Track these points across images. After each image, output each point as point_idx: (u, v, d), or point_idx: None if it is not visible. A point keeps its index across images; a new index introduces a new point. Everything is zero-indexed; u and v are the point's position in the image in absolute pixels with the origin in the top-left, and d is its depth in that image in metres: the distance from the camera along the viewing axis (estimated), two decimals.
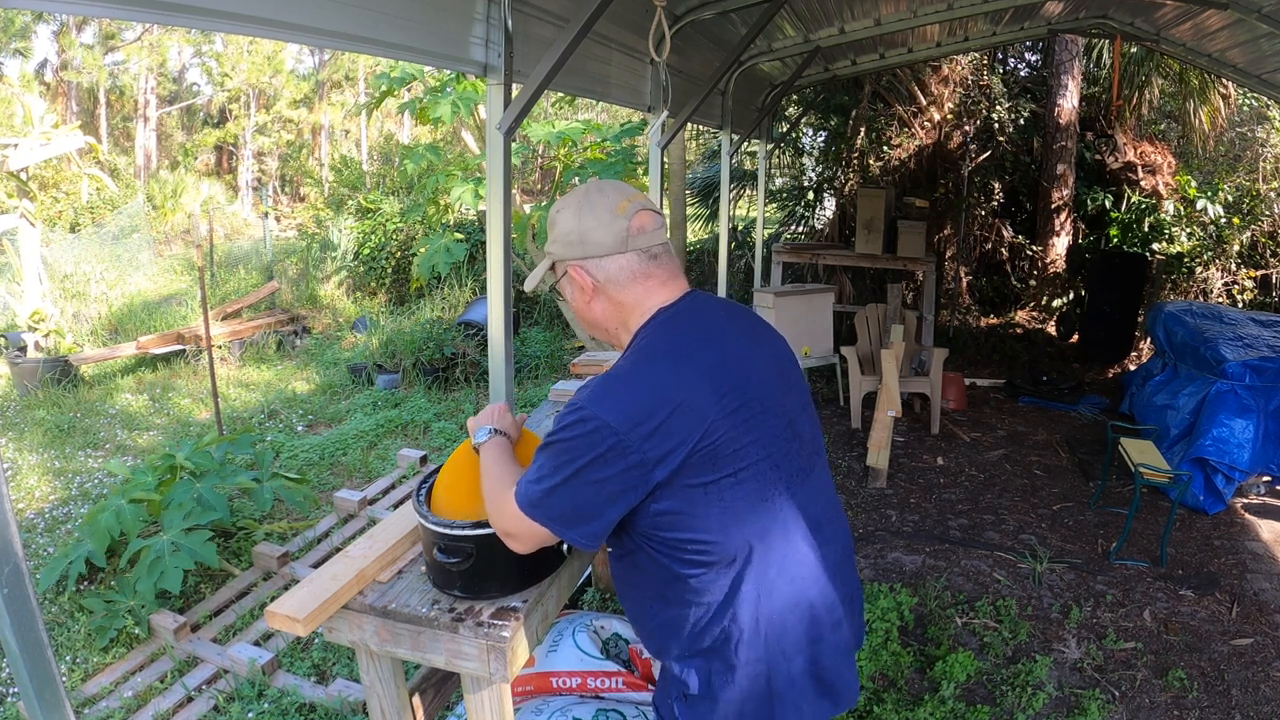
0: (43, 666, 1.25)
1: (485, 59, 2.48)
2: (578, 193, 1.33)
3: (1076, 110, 8.04)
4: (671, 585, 1.26)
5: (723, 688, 1.26)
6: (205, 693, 2.74)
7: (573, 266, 1.31)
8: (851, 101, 8.42)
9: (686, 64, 4.37)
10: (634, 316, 1.32)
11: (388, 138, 19.37)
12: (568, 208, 1.32)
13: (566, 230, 1.30)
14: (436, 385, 6.30)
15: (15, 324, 6.97)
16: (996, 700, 2.70)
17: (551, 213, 1.34)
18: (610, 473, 1.16)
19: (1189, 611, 3.29)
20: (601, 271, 1.30)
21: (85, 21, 17.17)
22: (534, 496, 1.22)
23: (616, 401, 1.17)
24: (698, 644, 1.26)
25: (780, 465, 1.26)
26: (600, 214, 1.29)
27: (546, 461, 1.22)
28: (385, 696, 1.67)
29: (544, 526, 1.23)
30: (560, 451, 1.19)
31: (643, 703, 2.39)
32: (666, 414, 1.16)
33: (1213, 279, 7.42)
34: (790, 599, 1.27)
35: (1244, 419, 4.23)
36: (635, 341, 1.30)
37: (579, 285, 1.32)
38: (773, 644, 1.26)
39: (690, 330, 1.28)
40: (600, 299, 1.32)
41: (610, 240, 1.28)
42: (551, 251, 1.34)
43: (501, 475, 1.37)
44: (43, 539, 3.94)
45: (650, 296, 1.31)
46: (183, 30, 17.38)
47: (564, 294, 1.38)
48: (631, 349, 1.29)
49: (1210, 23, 4.62)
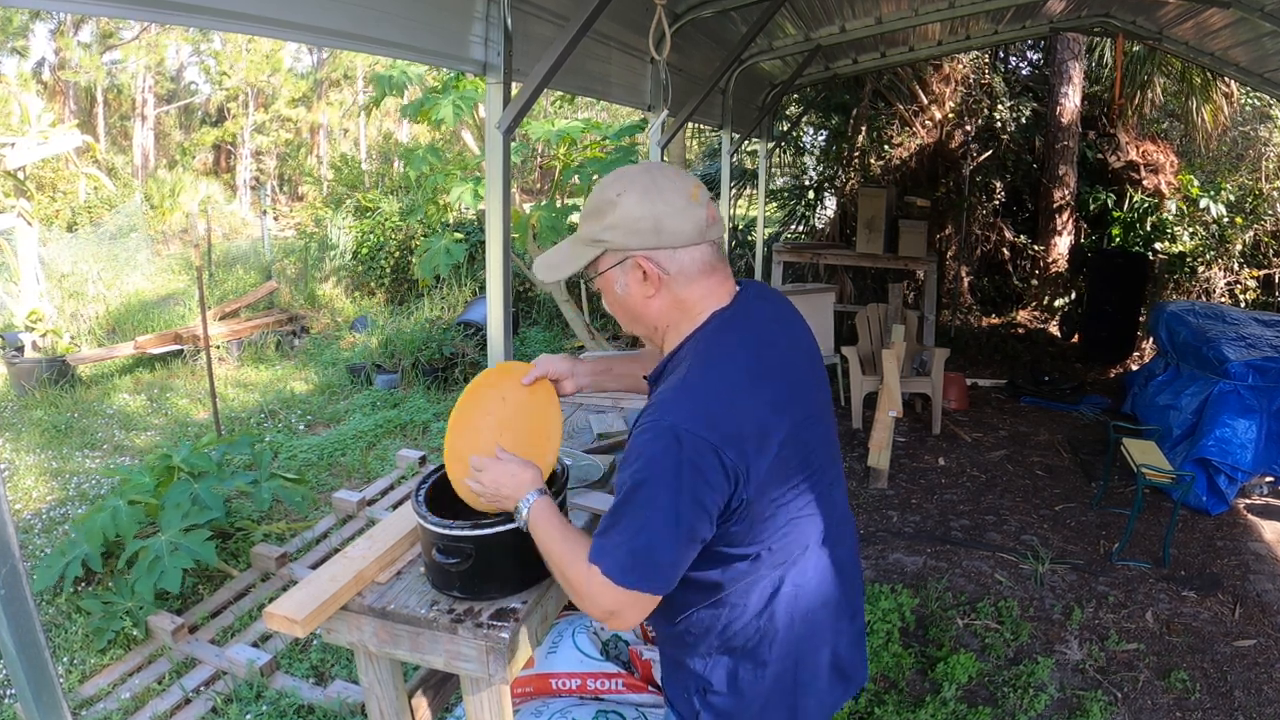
0: (40, 668, 1.24)
1: (485, 58, 2.47)
2: (635, 175, 1.19)
3: (1078, 109, 8.03)
4: (710, 592, 1.23)
5: (750, 685, 1.25)
6: (203, 694, 2.72)
7: (641, 256, 1.18)
8: (852, 100, 8.41)
9: (687, 62, 4.36)
10: (690, 316, 1.22)
11: (386, 136, 19.36)
12: (630, 190, 1.17)
13: (635, 216, 1.16)
14: (436, 385, 6.29)
15: (12, 324, 6.95)
16: (998, 702, 2.69)
17: (603, 196, 1.20)
18: (714, 495, 1.10)
19: (1191, 613, 3.27)
20: (674, 264, 1.18)
21: (83, 20, 17.14)
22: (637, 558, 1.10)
23: (707, 415, 1.10)
24: (730, 643, 1.24)
25: (823, 470, 1.26)
26: (673, 200, 1.17)
27: (639, 505, 1.10)
28: (384, 698, 1.66)
29: (649, 591, 1.13)
30: (656, 483, 1.08)
31: (643, 704, 2.38)
32: (753, 428, 1.12)
33: (1215, 279, 7.41)
34: (821, 596, 1.28)
35: (1247, 419, 4.22)
36: (696, 346, 1.20)
37: (642, 277, 1.20)
38: (803, 640, 1.27)
39: (752, 338, 1.22)
40: (663, 294, 1.21)
41: (690, 229, 1.17)
42: (606, 239, 1.19)
43: (569, 546, 1.22)
44: (40, 540, 3.93)
45: (711, 295, 1.22)
46: (181, 29, 17.36)
47: (606, 286, 1.25)
48: (695, 355, 1.19)
49: (1212, 21, 4.60)
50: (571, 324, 6.15)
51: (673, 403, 1.12)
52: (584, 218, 1.24)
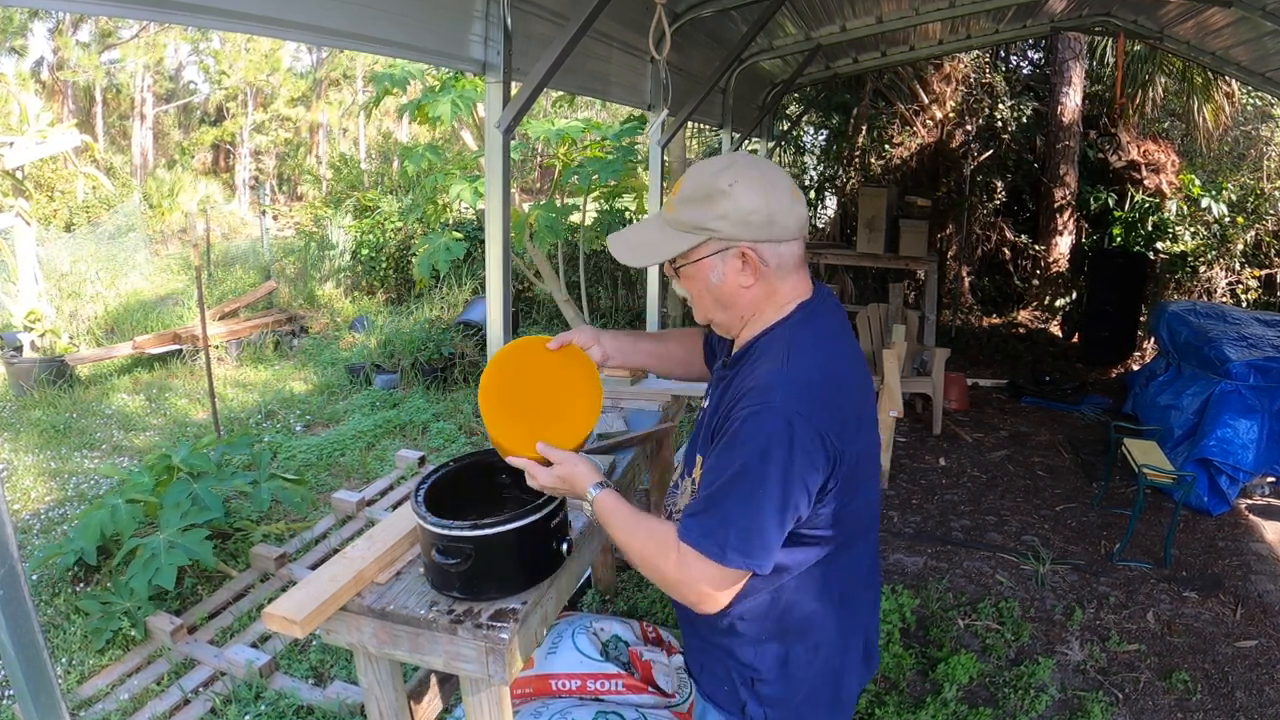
0: (39, 668, 1.25)
1: (484, 57, 2.47)
2: (745, 166, 1.20)
3: (1079, 109, 8.02)
4: (776, 575, 1.24)
5: (801, 668, 1.28)
6: (202, 695, 2.71)
7: (747, 247, 1.20)
8: (853, 100, 8.41)
9: (687, 62, 4.35)
10: (776, 306, 1.25)
11: (386, 136, 19.34)
12: (743, 182, 1.17)
13: (750, 209, 1.17)
14: (435, 385, 6.28)
15: (11, 324, 6.94)
16: (999, 702, 2.68)
17: (713, 185, 1.18)
18: (816, 476, 1.14)
19: (1193, 613, 3.27)
20: (776, 257, 1.21)
21: (81, 19, 17.13)
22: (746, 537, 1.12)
23: (815, 398, 1.14)
24: (785, 627, 1.25)
25: (875, 455, 1.31)
26: (782, 196, 1.19)
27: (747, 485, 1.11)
28: (383, 699, 1.66)
29: (754, 568, 1.15)
30: (766, 464, 1.11)
31: (643, 705, 2.37)
32: (851, 413, 1.19)
33: (1216, 278, 7.41)
34: (863, 580, 1.35)
35: (1248, 419, 4.21)
36: (788, 334, 1.23)
37: (741, 267, 1.21)
38: (845, 622, 1.31)
39: (834, 330, 1.27)
40: (760, 285, 1.22)
41: (794, 225, 1.21)
42: (713, 228, 1.19)
43: (650, 535, 1.22)
44: (38, 540, 3.92)
45: (797, 288, 1.26)
46: (180, 28, 17.34)
47: (698, 273, 1.24)
48: (792, 342, 1.21)
49: (1213, 20, 4.60)
50: (571, 324, 6.15)
51: (780, 386, 1.14)
52: (685, 203, 1.21)
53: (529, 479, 1.35)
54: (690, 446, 1.38)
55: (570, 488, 1.33)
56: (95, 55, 17.67)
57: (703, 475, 1.21)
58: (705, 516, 1.15)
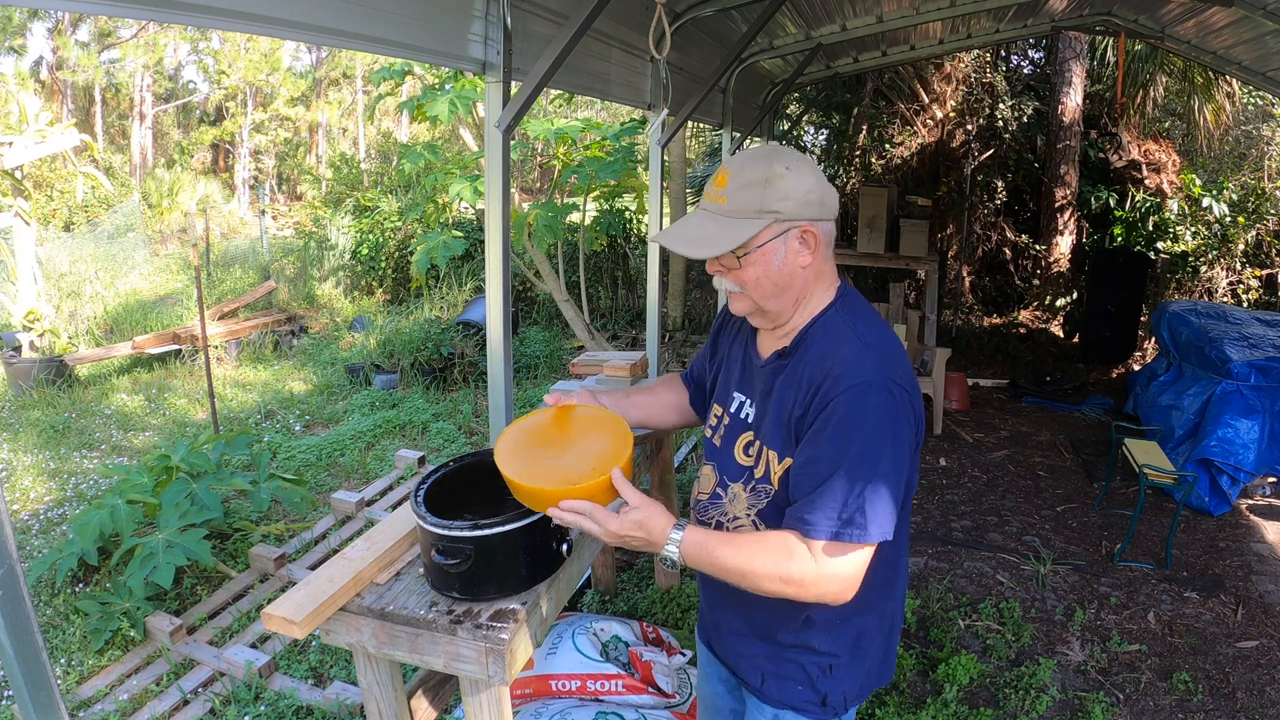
0: (38, 669, 1.24)
1: (484, 56, 2.45)
2: (789, 152, 1.24)
3: (1080, 108, 8.01)
4: None
5: (871, 640, 1.33)
6: (201, 695, 2.71)
7: (808, 225, 1.23)
8: (853, 99, 8.40)
9: (687, 61, 4.34)
10: (823, 287, 1.29)
11: (386, 135, 19.34)
12: (796, 164, 1.22)
13: (808, 189, 1.21)
14: (435, 385, 6.27)
15: (10, 324, 6.94)
16: (999, 703, 2.67)
17: (769, 170, 1.21)
18: (915, 441, 1.21)
19: (1194, 614, 3.26)
20: (827, 235, 1.26)
21: (80, 19, 17.12)
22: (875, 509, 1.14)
23: (899, 368, 1.19)
24: (863, 598, 1.24)
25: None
26: (824, 178, 1.26)
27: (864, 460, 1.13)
28: (383, 699, 1.65)
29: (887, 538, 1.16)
30: (879, 436, 1.14)
31: (642, 706, 2.36)
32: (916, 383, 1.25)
33: (1218, 278, 7.41)
34: (908, 548, 1.42)
35: (1249, 419, 4.20)
36: (844, 314, 1.27)
37: (800, 246, 1.24)
38: (900, 585, 1.39)
39: (870, 306, 1.33)
40: (814, 264, 1.26)
41: (834, 205, 1.27)
42: (778, 209, 1.21)
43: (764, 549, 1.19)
44: (37, 540, 3.91)
45: (833, 269, 1.32)
46: (179, 27, 17.34)
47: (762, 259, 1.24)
48: (853, 320, 1.25)
49: (1215, 20, 4.59)
50: (571, 324, 6.14)
51: (868, 362, 1.18)
52: (741, 191, 1.22)
53: (594, 529, 1.24)
54: (723, 451, 1.36)
55: (647, 534, 1.23)
56: (94, 55, 17.67)
57: (805, 466, 1.18)
58: (835, 505, 1.14)
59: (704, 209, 1.26)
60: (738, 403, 1.37)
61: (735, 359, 1.42)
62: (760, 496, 1.28)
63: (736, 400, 1.37)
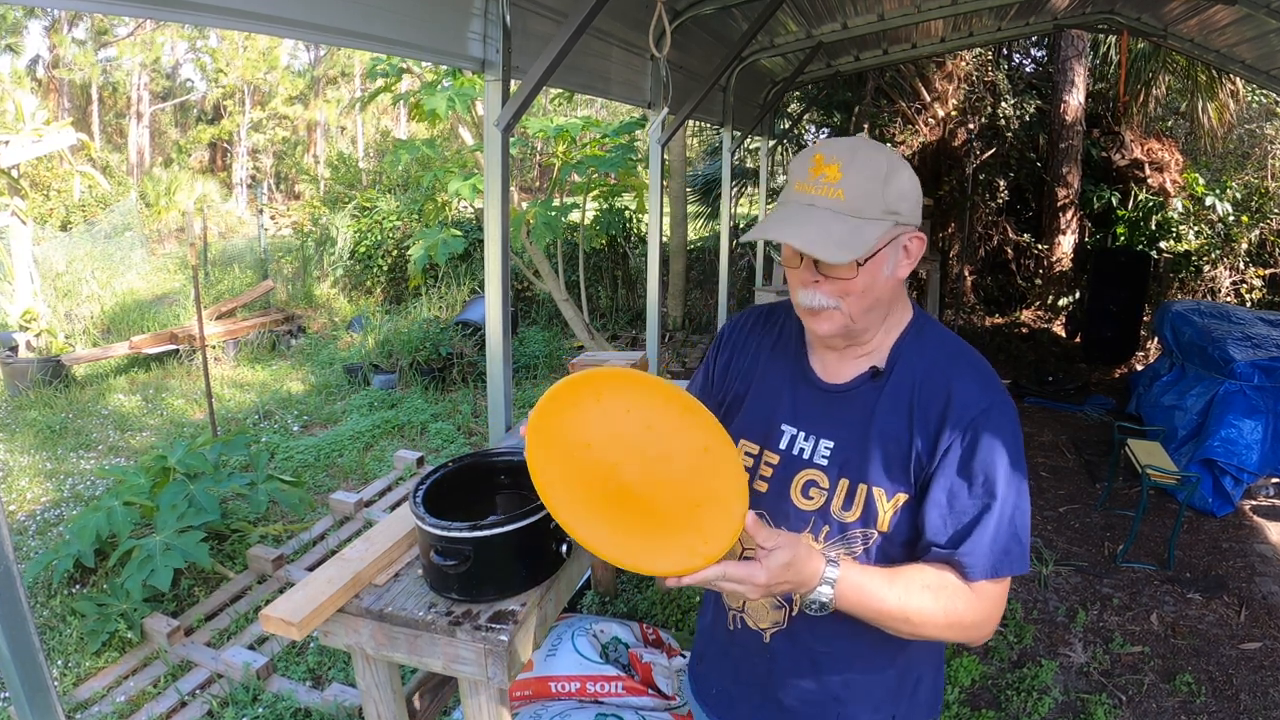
0: (34, 671, 1.24)
1: (483, 55, 2.44)
2: (880, 146, 1.07)
3: (1083, 107, 8.00)
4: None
5: (943, 647, 1.25)
6: (199, 697, 2.69)
7: (917, 233, 1.09)
8: (854, 98, 8.39)
9: (687, 60, 4.33)
10: (902, 301, 1.16)
11: (384, 134, 19.32)
12: (895, 161, 1.05)
13: (912, 188, 1.07)
14: (434, 386, 6.25)
15: (6, 323, 6.92)
16: (1002, 705, 2.66)
17: (877, 162, 1.03)
18: None
19: (1197, 615, 3.25)
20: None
21: (77, 17, 17.09)
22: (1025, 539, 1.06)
23: (998, 379, 1.14)
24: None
25: None
26: None
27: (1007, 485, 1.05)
28: (382, 701, 1.64)
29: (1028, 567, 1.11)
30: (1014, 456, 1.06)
31: (642, 708, 2.35)
32: None
33: (1221, 278, 7.40)
34: None
35: (1253, 420, 4.19)
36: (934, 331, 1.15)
37: (905, 256, 1.09)
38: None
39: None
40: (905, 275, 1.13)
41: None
42: (898, 210, 1.05)
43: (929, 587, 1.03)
44: (34, 541, 3.89)
45: None
46: (176, 26, 17.31)
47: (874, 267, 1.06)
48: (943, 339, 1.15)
49: (1218, 18, 4.57)
50: (571, 324, 6.12)
51: (988, 380, 1.11)
52: (860, 184, 1.02)
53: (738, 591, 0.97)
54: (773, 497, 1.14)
55: (796, 577, 0.98)
56: (91, 53, 17.64)
57: (950, 501, 1.05)
58: (988, 537, 1.03)
59: (817, 204, 1.02)
60: (788, 437, 1.15)
61: (776, 387, 1.19)
62: (854, 544, 1.09)
63: (787, 434, 1.15)
